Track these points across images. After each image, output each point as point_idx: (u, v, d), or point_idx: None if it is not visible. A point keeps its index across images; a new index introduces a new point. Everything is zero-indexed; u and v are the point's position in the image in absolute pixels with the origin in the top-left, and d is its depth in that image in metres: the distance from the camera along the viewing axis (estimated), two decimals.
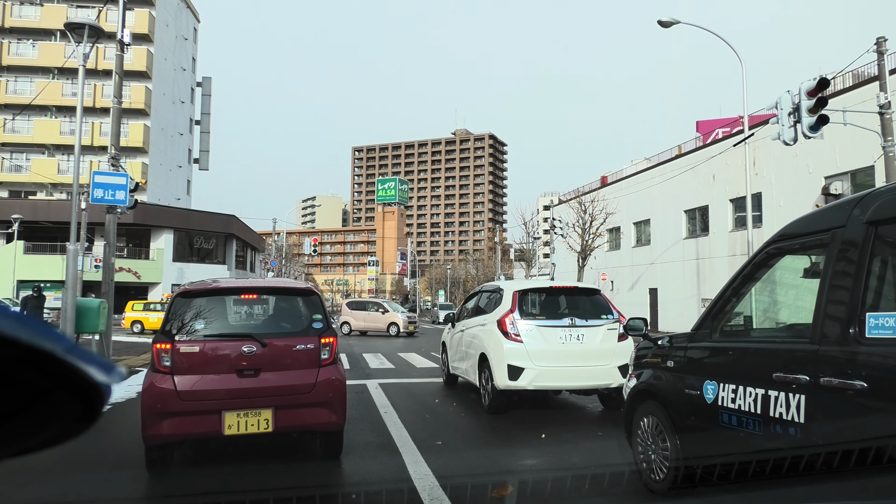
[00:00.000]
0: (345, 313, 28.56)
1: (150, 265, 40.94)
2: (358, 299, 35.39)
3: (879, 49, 15.26)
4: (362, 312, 28.00)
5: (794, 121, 13.47)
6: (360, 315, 27.88)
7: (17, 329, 0.53)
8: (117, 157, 13.78)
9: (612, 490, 4.67)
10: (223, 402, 4.93)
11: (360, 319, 27.72)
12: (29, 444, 0.66)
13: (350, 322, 27.80)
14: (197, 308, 5.27)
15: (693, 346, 4.11)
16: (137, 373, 11.15)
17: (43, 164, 46.13)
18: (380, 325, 27.29)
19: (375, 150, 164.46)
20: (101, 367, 0.62)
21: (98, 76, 43.13)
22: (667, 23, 19.70)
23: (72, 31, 13.08)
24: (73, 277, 12.04)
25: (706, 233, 29.18)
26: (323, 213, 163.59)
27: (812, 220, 3.48)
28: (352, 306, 29.07)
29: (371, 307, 28.50)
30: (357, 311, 28.23)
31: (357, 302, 30.36)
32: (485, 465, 5.72)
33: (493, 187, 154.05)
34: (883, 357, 2.73)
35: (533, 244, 54.79)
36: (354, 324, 27.68)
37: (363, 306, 28.91)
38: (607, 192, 36.87)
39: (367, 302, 30.12)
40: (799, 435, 3.04)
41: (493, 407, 7.89)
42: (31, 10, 47.54)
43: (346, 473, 5.29)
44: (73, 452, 5.19)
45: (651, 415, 4.38)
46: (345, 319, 28.10)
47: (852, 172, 21.17)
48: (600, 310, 8.16)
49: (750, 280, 3.85)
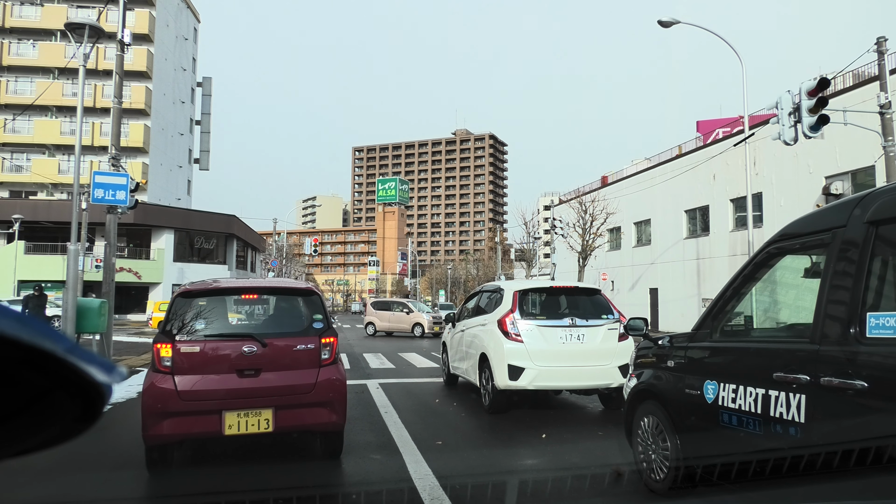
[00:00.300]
0: (370, 313, 27.94)
1: (151, 265, 40.94)
2: (383, 299, 34.42)
3: (880, 49, 15.25)
4: (387, 313, 27.27)
5: (795, 121, 13.47)
6: (385, 315, 27.15)
7: (17, 329, 0.53)
8: (118, 157, 13.78)
9: (612, 490, 4.67)
10: (223, 402, 4.93)
11: (385, 320, 26.99)
12: (29, 444, 0.66)
13: (375, 322, 27.19)
14: (197, 308, 5.27)
15: (693, 346, 4.11)
16: (138, 373, 11.15)
17: (43, 165, 46.13)
18: (404, 326, 26.53)
19: (376, 150, 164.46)
20: (102, 367, 0.62)
21: (98, 76, 43.13)
22: (667, 23, 19.70)
23: (72, 31, 13.09)
24: (73, 277, 12.05)
25: (707, 233, 29.17)
26: (323, 213, 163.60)
27: (813, 220, 3.48)
28: (377, 306, 28.40)
29: (396, 307, 27.73)
30: (382, 312, 27.53)
31: (382, 302, 29.67)
32: (485, 465, 5.72)
33: (494, 187, 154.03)
34: (883, 357, 2.72)
35: (533, 244, 54.79)
36: (379, 324, 27.03)
37: (388, 306, 28.17)
38: (608, 192, 36.87)
39: (391, 302, 29.36)
40: (799, 435, 3.04)
41: (493, 407, 7.89)
42: (32, 11, 47.54)
43: (346, 473, 5.29)
44: (73, 452, 5.18)
45: (651, 415, 4.38)
46: (370, 320, 27.51)
47: (853, 172, 21.16)
48: (601, 310, 8.16)
49: (750, 280, 3.85)
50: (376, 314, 27.52)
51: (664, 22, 19.70)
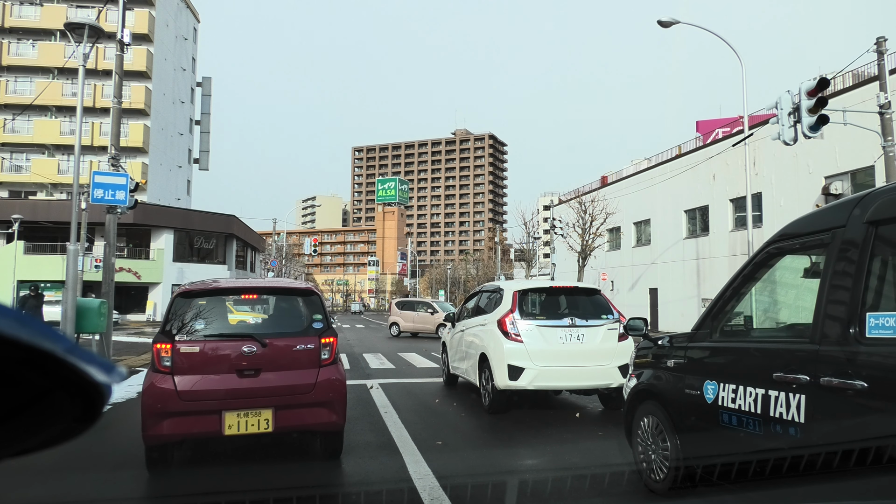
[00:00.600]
0: (394, 313, 27.37)
1: (151, 265, 40.93)
2: (407, 299, 33.41)
3: (879, 49, 15.26)
4: (412, 313, 26.44)
5: (795, 121, 13.47)
6: (410, 315, 26.34)
7: (17, 329, 0.53)
8: (117, 157, 13.78)
9: (612, 490, 4.67)
10: (223, 402, 4.92)
11: (410, 320, 26.20)
12: (29, 444, 0.66)
13: (399, 323, 26.53)
14: (197, 308, 5.27)
15: (693, 346, 4.11)
16: (137, 373, 11.15)
17: (43, 164, 46.13)
18: (428, 327, 25.44)
19: (375, 150, 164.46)
20: (102, 367, 0.62)
21: (98, 76, 43.14)
22: (667, 23, 19.70)
23: (72, 31, 13.09)
24: (73, 277, 12.04)
25: (706, 233, 29.17)
26: (323, 213, 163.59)
27: (812, 220, 3.48)
28: (401, 306, 27.75)
29: (420, 307, 26.80)
30: (406, 312, 26.76)
31: (406, 301, 28.89)
32: (485, 465, 5.72)
33: (493, 187, 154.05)
34: (883, 357, 2.72)
35: (533, 244, 54.79)
36: (404, 325, 26.34)
37: (412, 306, 27.31)
38: (607, 192, 36.87)
39: (416, 302, 28.54)
40: (799, 435, 3.04)
41: (493, 407, 7.89)
42: (31, 10, 47.54)
43: (346, 473, 5.29)
44: (73, 452, 5.18)
45: (651, 415, 4.38)
46: (394, 320, 26.91)
47: (852, 172, 21.17)
48: (600, 310, 8.16)
49: (750, 280, 3.85)
50: (401, 314, 26.82)
51: (664, 22, 19.70)
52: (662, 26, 19.88)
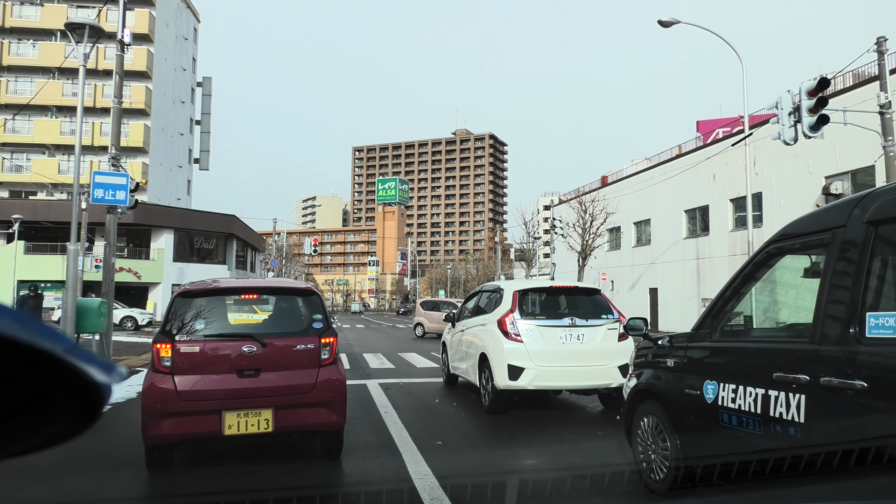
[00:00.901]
0: (419, 314, 26.91)
1: (151, 265, 40.91)
2: (431, 299, 32.72)
3: (879, 49, 15.25)
4: (436, 313, 25.40)
5: (795, 120, 13.47)
6: (434, 316, 25.33)
7: (17, 329, 0.53)
8: (117, 157, 13.78)
9: (612, 490, 4.67)
10: (223, 402, 4.93)
11: (435, 321, 25.06)
12: (29, 444, 0.66)
13: (424, 323, 25.93)
14: (197, 308, 5.27)
15: (693, 346, 4.11)
16: (137, 373, 11.15)
17: (43, 164, 46.10)
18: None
19: (375, 150, 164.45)
20: (101, 367, 0.62)
21: (98, 76, 43.12)
22: (667, 23, 19.71)
23: (72, 31, 13.09)
24: (73, 277, 12.04)
25: (706, 233, 29.17)
26: (323, 213, 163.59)
27: (812, 220, 3.48)
28: (426, 306, 27.18)
29: (444, 307, 25.93)
30: (431, 312, 26.01)
31: (430, 302, 28.33)
32: (485, 465, 5.72)
33: (494, 187, 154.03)
34: (883, 357, 2.72)
35: (533, 244, 54.77)
36: (428, 325, 25.64)
37: (436, 306, 26.56)
38: (607, 191, 36.87)
39: (440, 302, 28.00)
40: (799, 435, 3.04)
41: (493, 407, 7.89)
42: (32, 10, 47.52)
43: (346, 473, 5.29)
44: (73, 452, 5.18)
45: (651, 415, 4.38)
46: (419, 320, 26.36)
47: (853, 172, 21.17)
48: (600, 310, 8.16)
49: (750, 280, 3.85)
50: (426, 315, 26.20)
51: (664, 22, 19.71)
52: (663, 26, 19.88)
